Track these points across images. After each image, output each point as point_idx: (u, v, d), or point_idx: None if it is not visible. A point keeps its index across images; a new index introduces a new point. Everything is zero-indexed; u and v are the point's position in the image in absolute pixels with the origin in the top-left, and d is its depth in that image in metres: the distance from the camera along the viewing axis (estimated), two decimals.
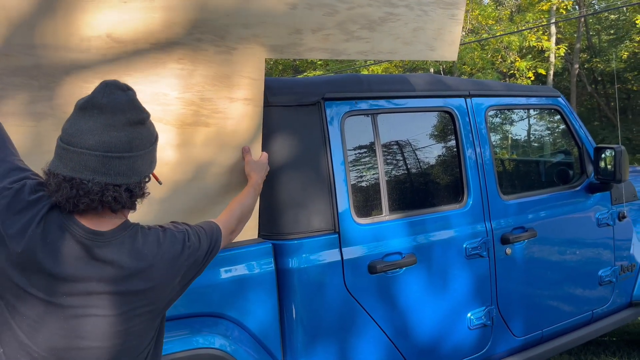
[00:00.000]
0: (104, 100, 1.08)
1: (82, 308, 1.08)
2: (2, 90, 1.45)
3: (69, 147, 1.06)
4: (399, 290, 2.19)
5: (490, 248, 2.47)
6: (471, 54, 15.42)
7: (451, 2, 2.11)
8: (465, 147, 2.47)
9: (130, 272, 1.11)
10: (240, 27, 1.71)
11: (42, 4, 1.46)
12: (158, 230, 1.21)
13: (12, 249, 1.04)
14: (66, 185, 1.05)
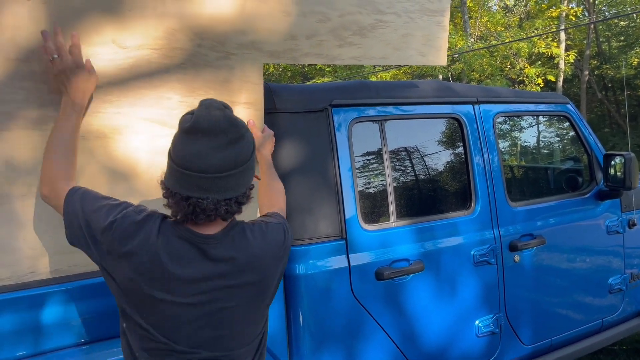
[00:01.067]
0: (205, 125, 1.15)
1: (210, 303, 1.20)
2: (14, 94, 1.49)
3: (183, 171, 1.16)
4: (407, 297, 2.19)
5: (498, 255, 2.45)
6: (480, 60, 15.39)
7: (435, 9, 2.21)
8: (473, 153, 2.46)
9: (244, 265, 1.24)
10: (239, 33, 1.79)
11: (52, 12, 1.51)
12: (261, 225, 1.33)
13: (139, 261, 1.17)
14: (184, 204, 1.16)
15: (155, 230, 1.19)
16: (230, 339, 1.25)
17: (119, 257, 1.19)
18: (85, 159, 1.60)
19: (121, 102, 1.64)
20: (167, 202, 1.21)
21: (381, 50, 2.11)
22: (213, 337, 1.23)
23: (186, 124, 1.18)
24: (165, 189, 1.20)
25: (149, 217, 1.22)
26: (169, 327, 1.19)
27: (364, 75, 17.25)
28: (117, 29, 1.60)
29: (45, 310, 1.53)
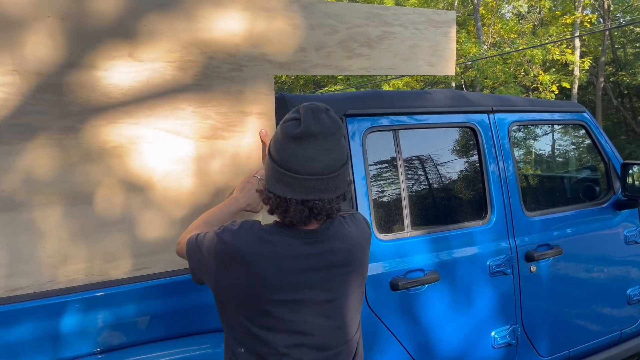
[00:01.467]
0: (316, 129, 1.19)
1: (323, 295, 1.27)
2: (35, 106, 1.54)
3: (298, 176, 1.19)
4: (422, 308, 2.17)
5: (514, 265, 2.43)
6: (493, 67, 15.31)
7: (441, 21, 2.26)
8: (488, 163, 2.45)
9: (348, 254, 1.30)
10: (249, 46, 1.84)
11: (70, 28, 1.56)
12: (351, 216, 1.39)
13: (252, 270, 1.23)
14: (300, 208, 1.21)
15: (261, 233, 1.25)
16: (345, 329, 1.32)
17: (230, 269, 1.25)
18: (103, 172, 1.63)
19: (137, 112, 1.68)
20: (272, 209, 1.25)
21: (389, 61, 2.15)
22: (330, 329, 1.28)
23: (295, 130, 1.20)
24: (274, 197, 1.23)
25: (248, 226, 1.28)
26: (291, 326, 1.25)
27: (376, 82, 17.26)
28: (133, 44, 1.65)
29: (63, 319, 1.54)
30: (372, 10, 2.11)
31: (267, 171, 1.27)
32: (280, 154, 1.22)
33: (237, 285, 1.25)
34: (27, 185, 1.53)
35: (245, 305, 1.26)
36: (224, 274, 1.27)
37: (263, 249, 1.24)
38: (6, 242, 1.51)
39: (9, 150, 1.50)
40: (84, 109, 1.60)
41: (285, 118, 1.26)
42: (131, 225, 1.68)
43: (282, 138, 1.22)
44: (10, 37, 1.50)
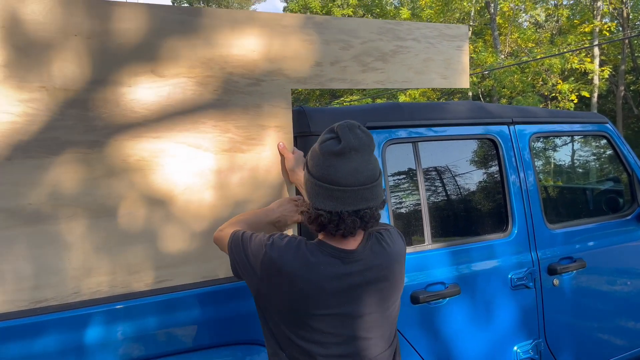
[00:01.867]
0: (355, 143, 1.28)
1: (360, 309, 1.32)
2: (62, 121, 1.58)
3: (347, 188, 1.27)
4: (443, 322, 2.15)
5: (536, 279, 2.39)
6: (510, 77, 15.21)
7: (454, 35, 2.30)
8: (509, 174, 2.42)
9: (385, 271, 1.36)
10: (267, 61, 1.89)
11: (95, 46, 1.62)
12: (387, 231, 1.44)
13: (295, 283, 1.29)
14: (353, 218, 1.28)
15: (305, 252, 1.31)
16: (382, 341, 1.37)
17: (274, 282, 1.31)
18: (126, 185, 1.66)
19: (159, 127, 1.71)
20: (323, 226, 1.30)
21: (404, 74, 2.19)
22: (368, 341, 1.34)
23: (336, 147, 1.27)
24: (326, 214, 1.28)
25: (295, 244, 1.34)
26: (329, 339, 1.30)
27: (392, 93, 17.26)
28: (156, 60, 1.70)
29: (87, 331, 1.56)
30: (385, 26, 2.16)
31: (311, 192, 1.32)
32: (325, 172, 1.28)
33: (280, 297, 1.31)
34: (53, 198, 1.56)
35: (288, 316, 1.32)
36: (268, 284, 1.33)
37: (307, 268, 1.29)
38: (32, 254, 1.54)
39: (36, 164, 1.54)
40: (108, 124, 1.63)
41: (322, 139, 1.33)
42: (153, 237, 1.70)
43: (325, 156, 1.29)
44: (38, 55, 1.55)
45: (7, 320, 1.48)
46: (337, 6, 22.57)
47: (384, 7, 23.38)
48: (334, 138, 1.30)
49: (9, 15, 1.52)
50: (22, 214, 1.52)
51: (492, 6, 17.15)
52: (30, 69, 1.54)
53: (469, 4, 17.94)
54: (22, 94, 1.53)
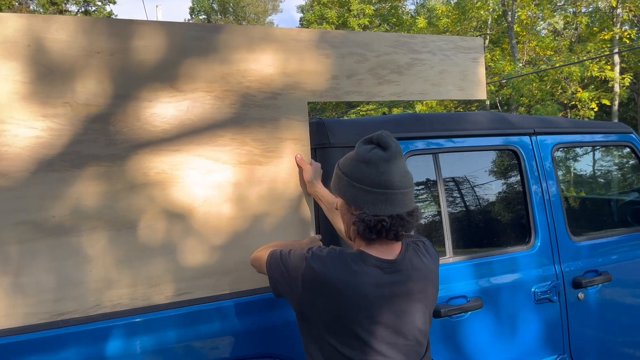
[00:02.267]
0: (398, 149, 1.36)
1: (403, 317, 1.36)
2: (84, 135, 1.61)
3: (404, 190, 1.34)
4: (465, 336, 2.11)
5: (561, 292, 2.34)
6: (529, 85, 15.06)
7: (469, 47, 2.32)
8: (531, 186, 2.38)
9: (424, 281, 1.40)
10: (283, 75, 1.91)
11: (118, 62, 1.66)
12: (422, 242, 1.48)
13: (340, 294, 1.30)
14: (408, 219, 1.34)
15: (348, 262, 1.33)
16: (419, 348, 1.41)
17: (317, 293, 1.33)
18: (146, 198, 1.67)
19: (179, 140, 1.73)
20: (379, 232, 1.33)
21: (420, 86, 2.20)
22: (407, 348, 1.37)
23: (385, 153, 1.33)
24: (385, 218, 1.32)
25: (335, 254, 1.36)
26: (373, 346, 1.32)
27: (409, 102, 17.22)
28: (175, 75, 1.74)
29: (109, 344, 1.56)
30: (400, 39, 2.17)
31: (364, 201, 1.34)
32: (380, 178, 1.32)
33: (324, 307, 1.33)
34: (76, 211, 1.58)
35: (332, 326, 1.33)
36: (311, 296, 1.34)
37: (350, 278, 1.31)
38: (55, 266, 1.55)
39: (59, 177, 1.57)
40: (128, 138, 1.66)
41: (364, 149, 1.36)
42: (173, 250, 1.70)
43: (376, 164, 1.33)
44: (62, 72, 1.59)
45: (31, 333, 1.49)
46: (354, 16, 22.67)
47: (400, 17, 23.42)
48: (376, 146, 1.35)
49: (35, 35, 1.56)
50: (45, 226, 1.55)
51: (509, 14, 17.05)
52: (54, 85, 1.57)
53: (486, 12, 17.87)
54: (46, 110, 1.56)
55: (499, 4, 17.38)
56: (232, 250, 1.78)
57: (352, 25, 22.21)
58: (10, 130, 1.53)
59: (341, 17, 22.98)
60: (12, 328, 1.49)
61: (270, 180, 1.87)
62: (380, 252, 1.37)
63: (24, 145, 1.54)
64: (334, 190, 1.44)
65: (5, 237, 1.51)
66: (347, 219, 1.41)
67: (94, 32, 1.63)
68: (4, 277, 1.50)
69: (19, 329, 1.49)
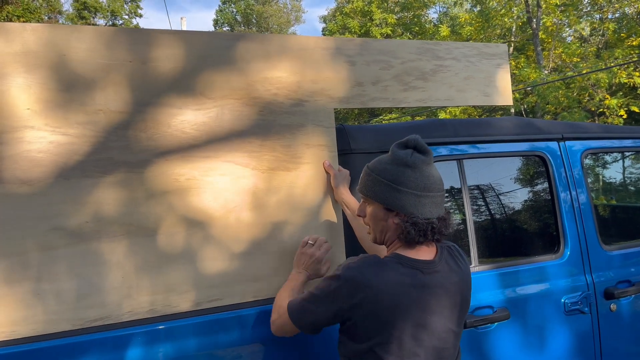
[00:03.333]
0: (431, 152, 1.39)
1: (442, 320, 1.36)
2: (117, 142, 1.65)
3: (442, 193, 1.38)
4: (491, 347, 2.06)
5: (592, 303, 2.27)
6: (555, 92, 14.79)
7: (493, 53, 2.33)
8: (560, 193, 2.32)
9: (460, 283, 1.41)
10: (309, 82, 1.94)
11: (149, 71, 1.70)
12: (454, 247, 1.50)
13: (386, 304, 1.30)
14: (446, 222, 1.37)
15: (385, 266, 1.34)
16: (454, 352, 1.41)
17: (358, 302, 1.31)
18: (178, 203, 1.70)
19: (208, 146, 1.76)
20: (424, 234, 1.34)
21: (445, 92, 2.21)
22: (443, 351, 1.37)
23: (425, 157, 1.37)
24: (434, 220, 1.34)
25: (371, 260, 1.36)
26: (413, 350, 1.32)
27: (432, 111, 17.10)
28: (204, 83, 1.77)
29: (139, 350, 1.57)
30: (424, 46, 2.19)
31: (413, 206, 1.34)
32: (425, 182, 1.34)
33: (366, 313, 1.31)
34: (109, 216, 1.62)
35: (374, 332, 1.32)
36: (353, 306, 1.32)
37: (390, 281, 1.31)
38: (88, 272, 1.58)
39: (92, 183, 1.61)
40: (160, 144, 1.69)
41: (402, 154, 1.37)
42: (206, 256, 1.72)
43: (419, 167, 1.35)
44: (96, 80, 1.63)
45: (64, 338, 1.51)
46: (376, 25, 22.70)
47: (423, 26, 23.35)
48: (414, 150, 1.37)
49: (70, 44, 1.61)
50: (79, 232, 1.58)
51: (534, 21, 16.83)
52: (88, 93, 1.62)
53: (510, 20, 17.68)
54: (80, 117, 1.61)
55: (523, 11, 17.19)
56: (260, 256, 1.79)
57: (374, 35, 22.23)
58: (45, 137, 1.57)
59: (363, 27, 23.03)
60: (45, 334, 1.51)
61: (298, 185, 1.88)
62: (416, 254, 1.38)
63: (58, 151, 1.58)
64: (366, 194, 1.43)
65: (39, 243, 1.54)
66: (386, 224, 1.40)
67: (126, 41, 1.68)
68: (37, 283, 1.53)
69: (51, 335, 1.51)
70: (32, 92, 1.57)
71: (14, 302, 1.50)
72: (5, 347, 1.45)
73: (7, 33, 1.56)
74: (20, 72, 1.56)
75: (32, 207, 1.54)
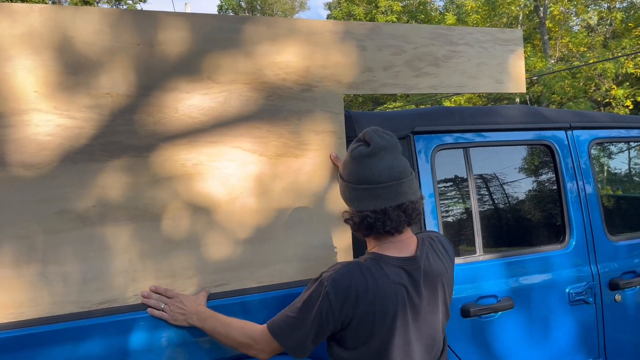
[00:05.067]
0: (383, 143, 1.35)
1: (428, 314, 1.38)
2: (124, 126, 1.64)
3: (385, 184, 1.32)
4: (495, 336, 2.06)
5: (597, 294, 2.26)
6: (561, 82, 14.68)
7: (507, 39, 2.27)
8: (566, 182, 2.31)
9: (444, 274, 1.42)
10: (319, 67, 1.90)
11: (157, 54, 1.68)
12: (437, 238, 1.50)
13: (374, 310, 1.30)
14: (397, 213, 1.32)
15: (369, 269, 1.32)
16: (440, 341, 1.42)
17: (348, 310, 1.29)
18: (183, 190, 1.69)
19: (216, 131, 1.74)
20: (371, 226, 1.33)
21: (457, 79, 2.16)
22: (431, 349, 1.38)
23: (366, 150, 1.34)
24: (371, 213, 1.32)
25: (352, 265, 1.33)
26: (403, 347, 1.32)
27: (436, 99, 17.01)
28: (212, 67, 1.74)
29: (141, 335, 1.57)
30: (437, 31, 2.15)
31: (351, 198, 1.37)
32: (361, 174, 1.34)
33: (357, 320, 1.30)
34: (116, 200, 1.61)
35: (363, 339, 1.31)
36: (342, 315, 1.30)
37: (377, 283, 1.30)
38: (94, 255, 1.58)
39: (99, 167, 1.60)
40: (167, 129, 1.68)
41: (353, 147, 1.39)
42: (211, 241, 1.71)
43: (358, 160, 1.35)
44: (104, 63, 1.62)
45: (75, 321, 1.51)
46: (381, 13, 22.50)
47: (428, 13, 23.14)
48: (363, 144, 1.37)
49: (78, 27, 1.59)
50: (86, 215, 1.58)
51: (541, 10, 16.65)
52: (96, 76, 1.60)
53: (517, 8, 17.50)
54: (89, 100, 1.60)
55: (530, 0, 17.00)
56: (267, 242, 1.79)
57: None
58: (53, 120, 1.56)
59: (368, 14, 22.84)
60: (51, 316, 1.52)
61: (306, 172, 1.87)
62: (396, 251, 1.36)
63: (66, 135, 1.57)
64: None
65: (46, 225, 1.54)
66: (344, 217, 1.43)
67: (134, 24, 1.65)
68: (44, 266, 1.53)
69: (57, 318, 1.52)
70: (39, 75, 1.55)
71: (22, 284, 1.51)
72: (14, 329, 1.46)
73: (13, 14, 1.54)
74: (27, 54, 1.54)
75: (39, 190, 1.54)
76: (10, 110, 1.52)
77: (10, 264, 1.50)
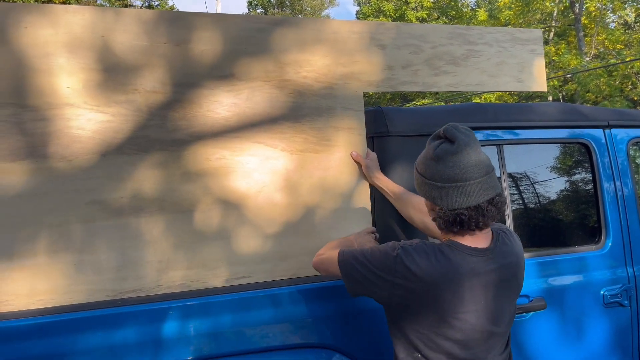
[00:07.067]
0: (466, 139, 1.34)
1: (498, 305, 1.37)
2: (151, 120, 1.68)
3: (476, 181, 1.32)
4: (526, 337, 2.01)
5: (632, 297, 2.19)
6: (596, 80, 14.27)
7: (527, 38, 2.27)
8: (603, 182, 2.24)
9: (515, 268, 1.43)
10: (339, 65, 1.94)
11: (182, 53, 1.74)
12: (508, 230, 1.50)
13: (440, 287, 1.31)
14: (490, 208, 1.33)
15: (442, 254, 1.33)
16: (508, 336, 1.44)
17: (412, 289, 1.33)
18: (207, 184, 1.72)
19: (238, 127, 1.78)
20: (465, 224, 1.33)
21: (477, 77, 2.18)
22: (498, 336, 1.39)
23: (451, 147, 1.33)
24: (463, 210, 1.32)
25: (427, 246, 1.36)
26: (468, 339, 1.34)
27: (466, 96, 16.77)
28: (236, 65, 1.80)
29: (170, 324, 1.59)
30: (455, 31, 2.17)
31: (440, 197, 1.35)
32: (450, 172, 1.32)
33: (420, 302, 1.33)
34: (142, 192, 1.65)
35: (428, 319, 1.34)
36: (406, 291, 1.34)
37: (447, 270, 1.32)
38: (120, 245, 1.61)
39: (127, 160, 1.64)
40: (192, 124, 1.72)
41: (434, 145, 1.37)
42: (232, 234, 1.73)
43: (444, 158, 1.33)
44: (133, 61, 1.67)
45: (98, 309, 1.54)
46: (411, 9, 22.28)
47: (459, 9, 22.80)
48: (445, 141, 1.36)
49: (108, 26, 1.65)
50: (113, 207, 1.62)
51: (577, 6, 16.21)
52: (125, 73, 1.66)
53: (551, 4, 17.07)
54: (118, 96, 1.65)
55: None
56: (288, 236, 1.80)
57: (409, 18, 21.84)
58: (84, 114, 1.61)
59: (398, 10, 22.63)
60: (78, 304, 1.56)
61: (326, 167, 1.89)
62: (472, 242, 1.37)
63: (96, 129, 1.62)
64: (416, 190, 1.46)
65: (76, 215, 1.59)
66: (430, 216, 1.43)
67: (161, 23, 1.70)
68: (72, 254, 1.57)
69: (83, 305, 1.55)
70: (72, 71, 1.61)
71: (54, 271, 1.55)
72: (46, 315, 1.50)
73: (50, 14, 1.61)
74: (62, 52, 1.61)
75: (71, 181, 1.58)
76: (45, 104, 1.59)
77: (43, 251, 1.55)
